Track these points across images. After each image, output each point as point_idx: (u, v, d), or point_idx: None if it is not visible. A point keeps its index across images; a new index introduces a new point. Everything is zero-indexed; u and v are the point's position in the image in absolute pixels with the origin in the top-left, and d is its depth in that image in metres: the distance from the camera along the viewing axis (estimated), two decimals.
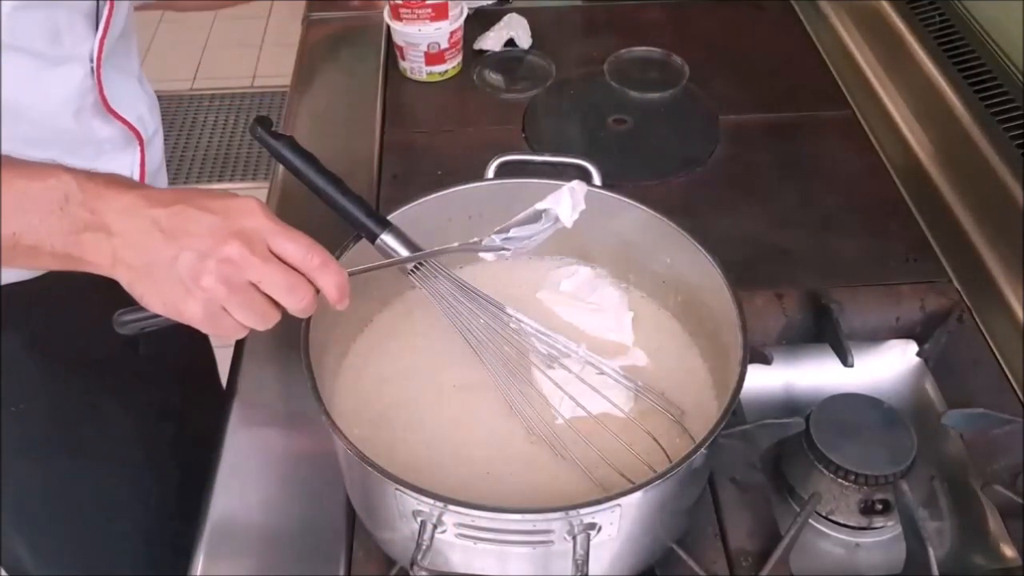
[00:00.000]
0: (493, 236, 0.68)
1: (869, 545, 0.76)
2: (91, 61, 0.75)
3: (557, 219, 0.68)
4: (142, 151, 0.87)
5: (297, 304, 0.60)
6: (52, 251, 0.60)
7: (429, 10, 1.16)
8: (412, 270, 0.71)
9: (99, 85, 0.77)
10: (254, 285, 0.58)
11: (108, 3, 0.74)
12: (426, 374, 0.76)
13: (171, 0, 1.11)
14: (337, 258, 0.70)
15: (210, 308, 0.58)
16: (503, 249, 0.68)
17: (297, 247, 0.59)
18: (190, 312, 0.58)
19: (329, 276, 0.60)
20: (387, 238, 0.71)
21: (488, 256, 0.69)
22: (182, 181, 2.62)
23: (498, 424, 0.72)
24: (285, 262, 0.59)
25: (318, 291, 0.60)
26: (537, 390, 0.72)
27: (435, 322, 0.75)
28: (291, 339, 0.65)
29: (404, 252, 0.71)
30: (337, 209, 0.71)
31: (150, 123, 0.89)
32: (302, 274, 0.59)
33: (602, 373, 0.73)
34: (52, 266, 0.61)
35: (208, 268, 0.56)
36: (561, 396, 0.72)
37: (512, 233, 0.68)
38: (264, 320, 0.60)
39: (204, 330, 0.60)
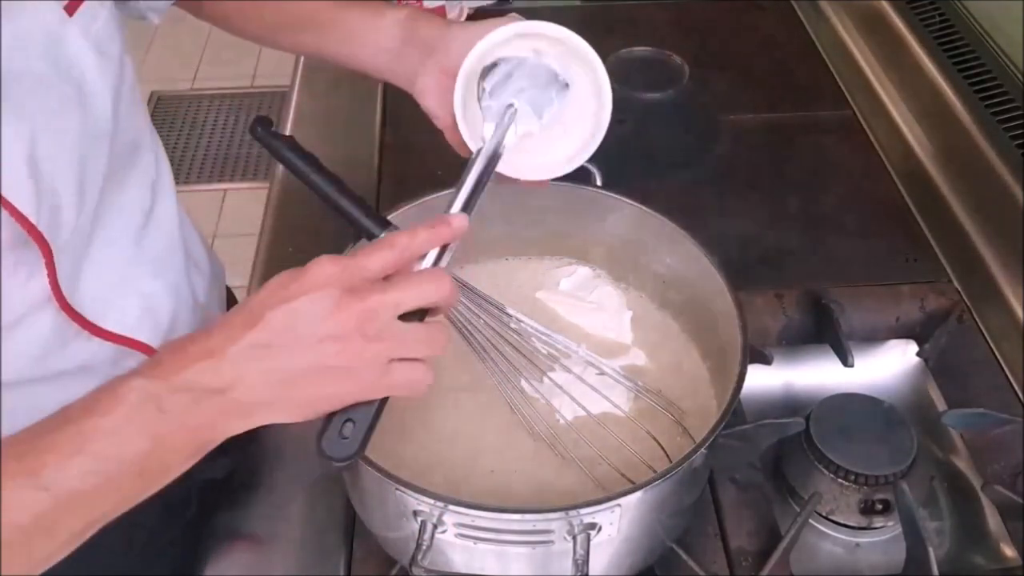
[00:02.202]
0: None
1: (869, 545, 0.76)
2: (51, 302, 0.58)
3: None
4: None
5: (440, 293, 0.53)
6: (180, 456, 0.51)
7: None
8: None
9: (69, 313, 0.60)
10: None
11: (38, 245, 0.54)
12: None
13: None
14: None
15: (378, 367, 0.51)
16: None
17: (384, 249, 0.53)
18: (371, 386, 0.51)
19: (438, 234, 0.56)
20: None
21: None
22: (182, 181, 2.62)
23: (502, 423, 0.72)
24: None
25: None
26: (538, 391, 0.72)
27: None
28: None
29: None
30: (337, 209, 0.71)
31: (165, 306, 0.69)
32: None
33: (602, 373, 0.73)
34: (185, 467, 0.52)
35: (352, 335, 0.50)
36: (562, 396, 0.72)
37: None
38: (432, 339, 0.53)
39: (399, 392, 0.52)
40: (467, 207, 0.60)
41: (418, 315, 0.53)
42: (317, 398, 0.51)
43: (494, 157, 0.64)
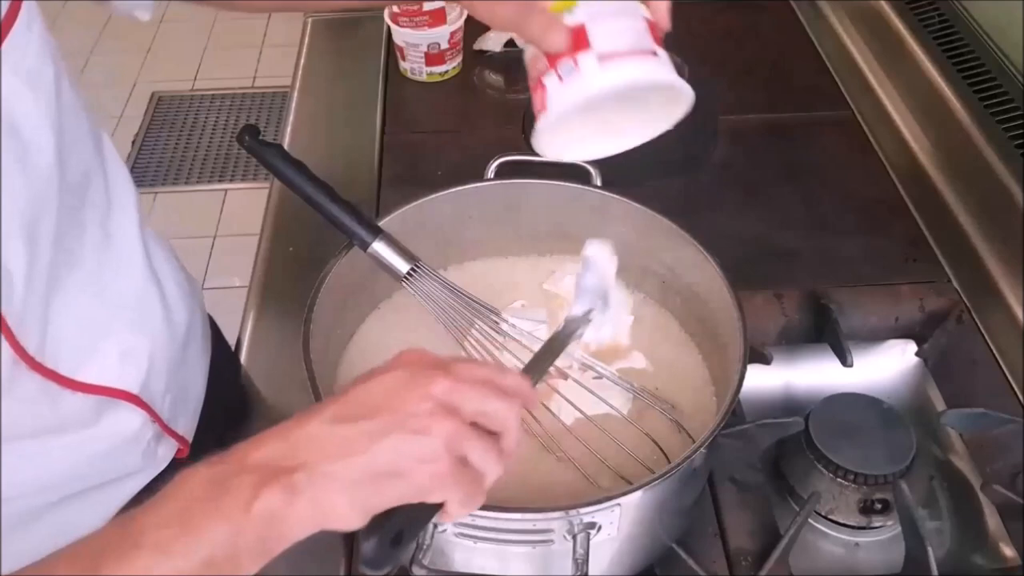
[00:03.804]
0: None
1: (868, 544, 0.76)
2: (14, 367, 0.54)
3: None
4: (146, 408, 0.67)
5: (508, 425, 0.50)
6: (249, 551, 0.44)
7: (427, 17, 1.16)
8: (406, 276, 0.71)
9: (44, 373, 0.57)
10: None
11: None
12: None
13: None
14: (328, 271, 0.70)
15: (448, 453, 0.47)
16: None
17: (483, 367, 0.51)
18: (437, 477, 0.46)
19: (518, 379, 0.52)
20: (379, 246, 0.71)
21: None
22: (182, 181, 2.62)
23: None
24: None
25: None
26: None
27: (433, 323, 0.75)
28: (291, 339, 0.65)
29: (396, 259, 0.71)
30: (328, 217, 0.71)
31: (141, 350, 0.66)
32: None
33: (600, 376, 0.73)
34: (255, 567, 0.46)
35: (429, 405, 0.47)
36: (560, 400, 0.72)
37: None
38: (498, 453, 0.49)
39: (454, 497, 0.48)
40: (535, 378, 0.58)
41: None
42: (383, 475, 0.46)
43: (562, 344, 0.63)
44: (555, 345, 0.63)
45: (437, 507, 0.48)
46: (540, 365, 0.60)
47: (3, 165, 0.50)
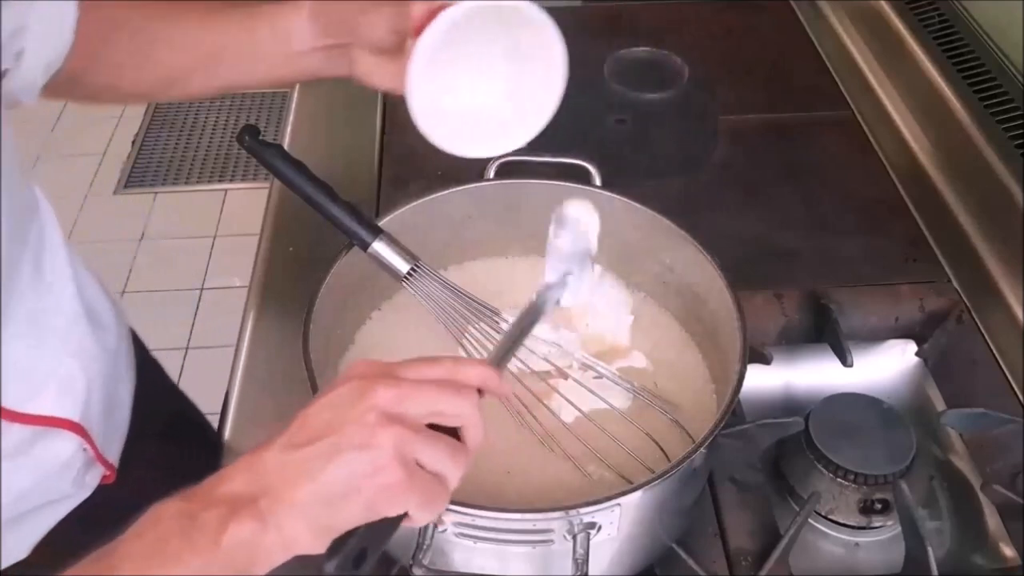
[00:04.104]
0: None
1: (868, 544, 0.76)
2: None
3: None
4: (84, 435, 0.69)
5: (469, 420, 0.50)
6: None
7: None
8: (406, 276, 0.71)
9: None
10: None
11: None
12: None
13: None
14: (328, 271, 0.70)
15: (406, 467, 0.46)
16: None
17: (436, 365, 0.50)
18: (392, 490, 0.46)
19: (475, 369, 0.51)
20: (379, 246, 0.71)
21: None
22: (183, 181, 2.62)
23: (504, 425, 0.72)
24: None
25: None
26: (536, 395, 0.72)
27: (433, 323, 0.76)
28: (291, 339, 0.65)
29: (396, 259, 0.71)
30: (328, 217, 0.71)
31: (79, 379, 0.69)
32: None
33: (600, 376, 0.73)
34: None
35: (380, 416, 0.46)
36: (560, 399, 0.72)
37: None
38: (455, 453, 0.49)
39: (415, 507, 0.47)
40: (502, 361, 0.58)
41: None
42: (337, 496, 0.46)
43: (538, 313, 0.63)
44: (529, 318, 0.62)
45: (399, 519, 0.48)
46: (511, 343, 0.60)
47: None
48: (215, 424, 0.86)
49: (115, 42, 0.69)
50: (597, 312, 0.81)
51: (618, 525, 0.60)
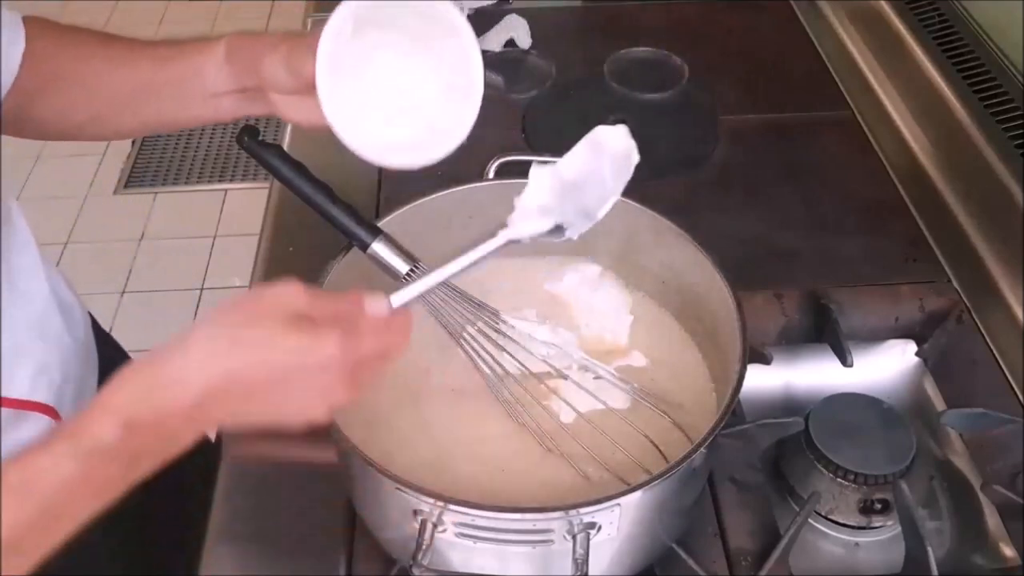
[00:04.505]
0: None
1: (868, 544, 0.76)
2: None
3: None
4: (58, 420, 0.72)
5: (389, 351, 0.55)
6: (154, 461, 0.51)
7: None
8: (405, 277, 0.71)
9: None
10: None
11: None
12: (427, 375, 0.76)
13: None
14: (328, 271, 0.70)
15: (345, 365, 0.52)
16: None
17: (338, 299, 0.55)
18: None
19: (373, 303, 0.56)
20: (378, 247, 0.71)
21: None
22: (183, 181, 2.62)
23: (505, 425, 0.72)
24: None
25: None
26: (534, 396, 0.72)
27: (433, 323, 0.76)
28: None
29: (396, 260, 0.71)
30: (328, 218, 0.71)
31: (53, 364, 0.72)
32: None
33: (599, 377, 0.73)
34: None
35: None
36: (559, 400, 0.72)
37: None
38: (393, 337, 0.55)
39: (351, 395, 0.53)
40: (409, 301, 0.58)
41: None
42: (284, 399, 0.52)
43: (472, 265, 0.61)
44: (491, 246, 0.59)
45: None
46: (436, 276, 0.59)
47: None
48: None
49: (51, 81, 0.71)
50: (597, 312, 0.81)
51: (618, 525, 0.60)
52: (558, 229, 0.61)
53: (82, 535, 0.52)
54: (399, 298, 0.57)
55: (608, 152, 0.62)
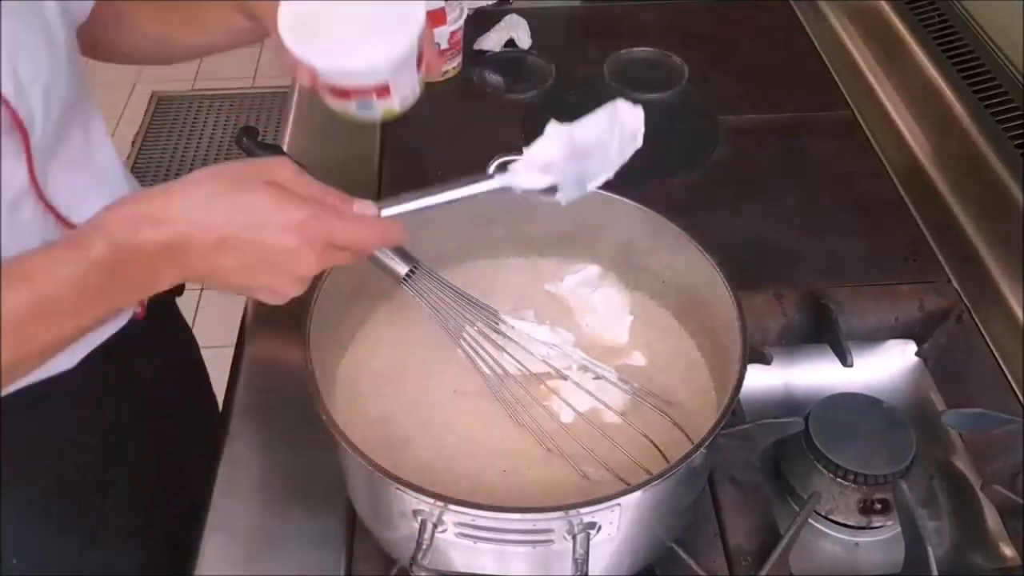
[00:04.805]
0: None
1: (868, 544, 0.76)
2: (32, 191, 0.67)
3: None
4: None
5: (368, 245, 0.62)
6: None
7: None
8: (405, 278, 0.71)
9: (49, 209, 0.69)
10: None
11: (20, 132, 0.63)
12: (427, 375, 0.76)
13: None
14: (328, 272, 0.70)
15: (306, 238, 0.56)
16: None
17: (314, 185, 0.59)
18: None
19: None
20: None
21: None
22: None
23: (505, 426, 0.72)
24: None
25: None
26: (534, 397, 0.72)
27: (432, 324, 0.76)
28: (290, 338, 0.65)
29: (395, 261, 0.71)
30: None
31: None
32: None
33: (599, 377, 0.73)
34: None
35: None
36: (560, 401, 0.72)
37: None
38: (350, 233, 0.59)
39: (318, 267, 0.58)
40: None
41: None
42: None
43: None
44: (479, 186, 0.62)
45: None
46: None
47: (34, 31, 0.63)
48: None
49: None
50: (596, 311, 0.81)
51: (618, 525, 0.60)
52: (551, 189, 0.62)
53: (81, 529, 0.53)
54: (389, 209, 0.61)
55: (620, 127, 0.63)
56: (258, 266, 0.57)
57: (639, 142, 0.64)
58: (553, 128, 0.62)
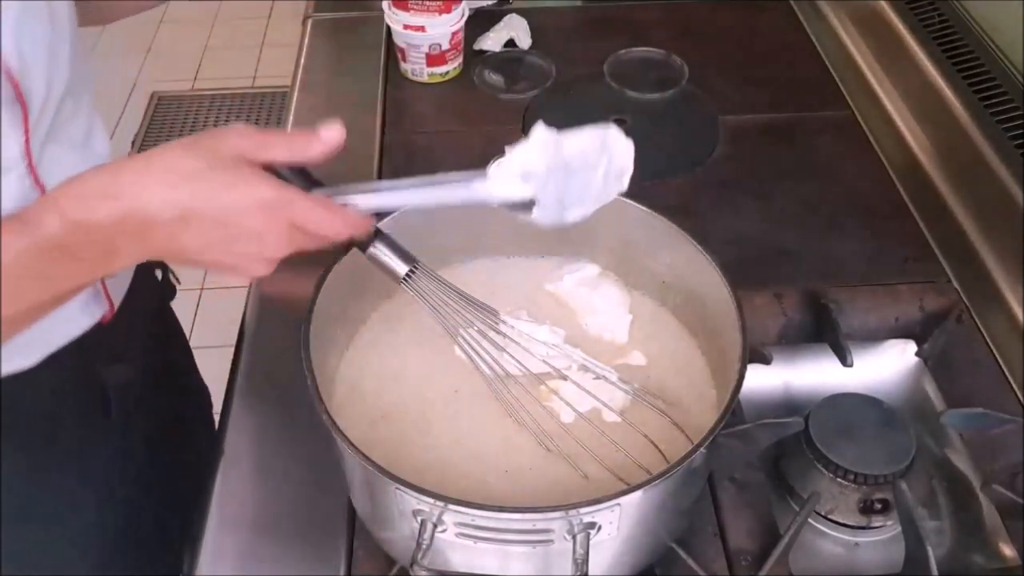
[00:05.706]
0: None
1: (868, 544, 0.76)
2: (23, 165, 0.65)
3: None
4: None
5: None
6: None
7: (438, 2, 1.16)
8: (405, 278, 0.71)
9: (38, 185, 0.67)
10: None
11: (20, 105, 0.62)
12: (427, 375, 0.76)
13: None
14: (328, 271, 0.71)
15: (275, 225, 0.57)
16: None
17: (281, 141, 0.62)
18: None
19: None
20: (377, 248, 0.71)
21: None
22: None
23: (506, 426, 0.72)
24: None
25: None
26: (534, 397, 0.72)
27: (432, 323, 0.76)
28: (289, 338, 0.65)
29: (395, 261, 0.70)
30: None
31: None
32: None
33: (599, 377, 0.73)
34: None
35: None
36: (560, 402, 0.72)
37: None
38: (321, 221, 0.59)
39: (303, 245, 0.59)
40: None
41: None
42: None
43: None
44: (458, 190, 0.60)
45: None
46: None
47: (37, 8, 0.62)
48: (216, 425, 0.86)
49: None
50: (596, 311, 0.81)
51: (618, 525, 0.60)
52: (528, 205, 0.59)
53: (78, 528, 0.53)
54: (350, 199, 0.60)
55: (609, 157, 0.60)
56: (222, 244, 0.56)
57: (625, 185, 0.62)
58: (540, 133, 0.58)
